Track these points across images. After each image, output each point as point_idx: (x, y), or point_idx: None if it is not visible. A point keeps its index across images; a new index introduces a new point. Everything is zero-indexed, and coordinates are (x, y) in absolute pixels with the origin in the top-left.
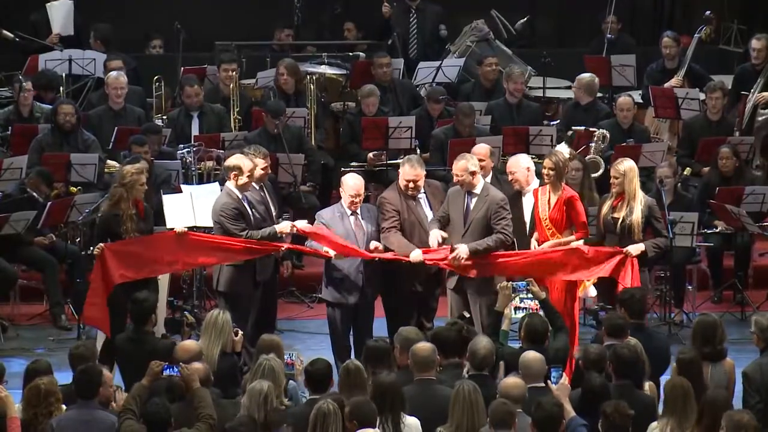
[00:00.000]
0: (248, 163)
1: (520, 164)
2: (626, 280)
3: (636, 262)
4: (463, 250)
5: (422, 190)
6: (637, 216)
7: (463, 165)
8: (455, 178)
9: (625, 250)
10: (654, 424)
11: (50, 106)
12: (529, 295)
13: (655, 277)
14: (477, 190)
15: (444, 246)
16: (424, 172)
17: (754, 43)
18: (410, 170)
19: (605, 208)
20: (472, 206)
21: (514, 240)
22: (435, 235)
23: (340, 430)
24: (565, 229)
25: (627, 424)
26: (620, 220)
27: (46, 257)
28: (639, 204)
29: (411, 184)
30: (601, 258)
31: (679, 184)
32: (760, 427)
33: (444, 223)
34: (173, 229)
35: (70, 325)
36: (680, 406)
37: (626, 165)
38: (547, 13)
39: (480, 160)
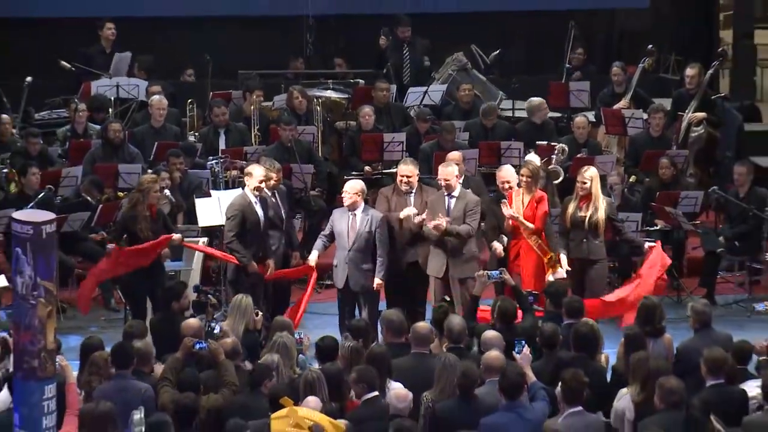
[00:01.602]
0: (260, 171)
1: (515, 175)
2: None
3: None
4: (442, 224)
5: (413, 189)
6: (602, 214)
7: (452, 171)
8: (443, 182)
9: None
10: (623, 390)
11: (100, 125)
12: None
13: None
14: (456, 193)
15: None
16: (417, 172)
17: (688, 71)
18: (405, 168)
19: (571, 208)
20: (452, 206)
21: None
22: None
23: (326, 394)
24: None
25: (582, 389)
26: (587, 218)
27: (98, 250)
28: (602, 204)
29: (404, 179)
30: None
31: (626, 189)
32: (687, 390)
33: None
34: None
35: (118, 307)
36: (639, 378)
37: (592, 171)
38: (516, 47)
39: (459, 167)
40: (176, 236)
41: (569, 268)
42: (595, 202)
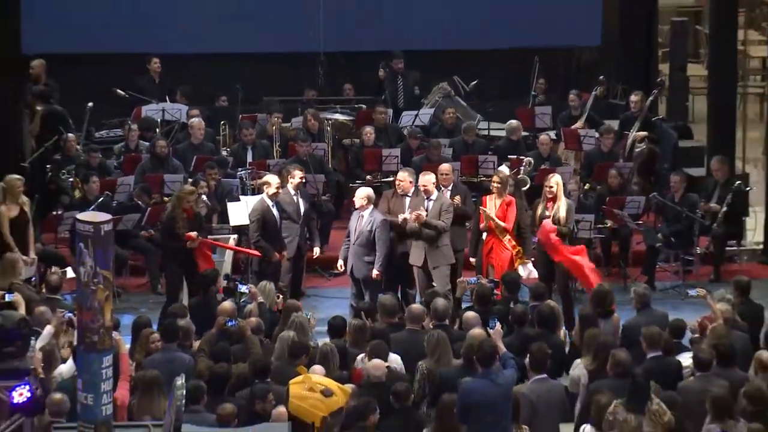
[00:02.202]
0: (276, 180)
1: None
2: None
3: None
4: (422, 216)
5: (407, 192)
6: (563, 213)
7: (429, 179)
8: (422, 188)
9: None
10: (578, 361)
11: (149, 142)
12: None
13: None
14: (433, 197)
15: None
16: (411, 179)
17: (632, 98)
18: (401, 174)
19: (540, 209)
20: (430, 207)
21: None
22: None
23: (338, 364)
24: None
25: (546, 359)
26: (552, 216)
27: (147, 245)
28: (564, 204)
29: (399, 183)
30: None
31: (582, 195)
32: (631, 361)
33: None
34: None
35: (163, 291)
36: (591, 350)
37: (557, 178)
38: (491, 78)
39: (446, 174)
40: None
41: (533, 259)
42: (558, 203)
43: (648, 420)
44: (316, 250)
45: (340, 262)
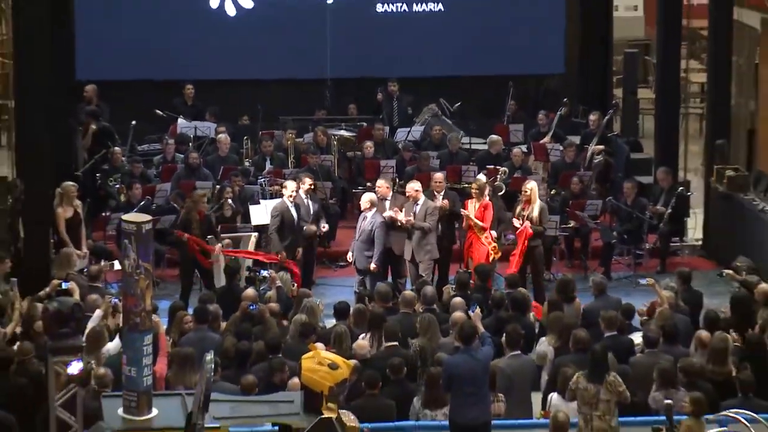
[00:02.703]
0: (293, 185)
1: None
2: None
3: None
4: (411, 219)
5: (387, 196)
6: (536, 213)
7: (414, 186)
8: (408, 193)
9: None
10: (543, 338)
11: (183, 155)
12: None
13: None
14: (420, 202)
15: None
16: (388, 185)
17: (591, 117)
18: (379, 182)
19: (517, 210)
20: (417, 210)
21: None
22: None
23: (350, 344)
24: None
25: (520, 338)
26: (527, 216)
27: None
28: (537, 206)
29: (378, 189)
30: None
31: (549, 199)
32: (590, 339)
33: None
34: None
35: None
36: (556, 330)
37: (532, 184)
38: (472, 100)
39: (439, 182)
40: (217, 249)
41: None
42: (533, 204)
43: (605, 389)
44: (312, 228)
45: (350, 254)
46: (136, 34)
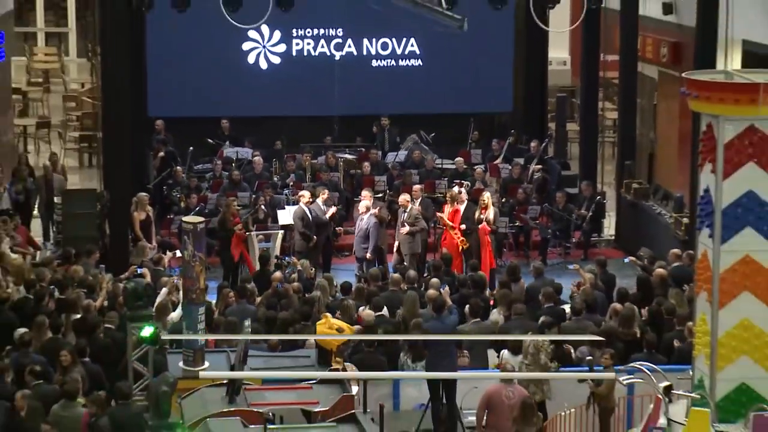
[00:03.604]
0: (307, 193)
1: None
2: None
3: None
4: (411, 230)
5: (370, 203)
6: (491, 216)
7: (405, 197)
8: (401, 202)
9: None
10: (495, 311)
11: (227, 172)
12: None
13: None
14: (407, 210)
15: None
16: (371, 194)
17: (532, 144)
18: (363, 193)
19: (477, 214)
20: (405, 216)
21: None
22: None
23: (354, 315)
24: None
25: (479, 309)
26: (485, 218)
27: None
28: (492, 211)
29: (362, 198)
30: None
31: (500, 205)
32: (528, 310)
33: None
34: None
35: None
36: (505, 303)
37: (488, 194)
38: (443, 130)
39: (416, 191)
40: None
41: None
42: (489, 210)
43: (533, 347)
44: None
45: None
46: (194, 82)
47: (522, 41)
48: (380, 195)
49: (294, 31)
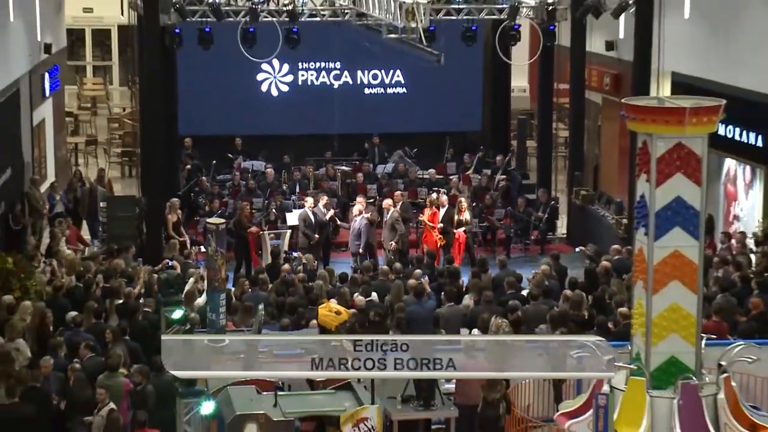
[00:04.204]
0: (311, 199)
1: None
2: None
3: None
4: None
5: (362, 208)
6: (467, 217)
7: (388, 202)
8: (384, 205)
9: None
10: (467, 296)
11: (244, 182)
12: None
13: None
14: (389, 213)
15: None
16: (363, 200)
17: (497, 158)
18: (358, 199)
19: (456, 217)
20: (387, 217)
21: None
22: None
23: (349, 300)
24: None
25: (454, 294)
26: (463, 219)
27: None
28: (467, 213)
29: (357, 204)
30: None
31: (471, 209)
32: (496, 296)
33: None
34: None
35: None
36: (477, 289)
37: (462, 199)
38: (424, 147)
39: (398, 197)
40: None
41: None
42: (465, 214)
43: (495, 326)
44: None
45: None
46: (217, 106)
47: (489, 72)
48: (371, 200)
49: (300, 64)
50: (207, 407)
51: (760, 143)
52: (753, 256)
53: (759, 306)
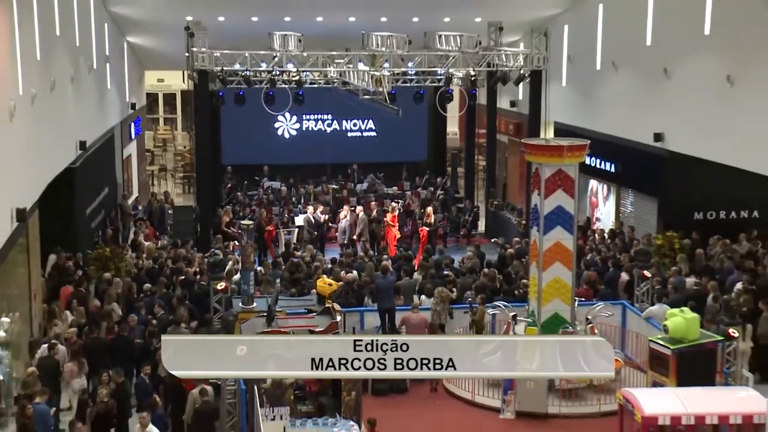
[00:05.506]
0: (311, 208)
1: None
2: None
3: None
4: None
5: (346, 213)
6: (432, 220)
7: (360, 208)
8: (357, 211)
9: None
10: (416, 273)
11: (266, 197)
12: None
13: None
14: (360, 216)
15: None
16: (346, 208)
17: (438, 179)
18: (345, 208)
19: (424, 219)
20: (358, 219)
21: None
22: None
23: (338, 276)
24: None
25: (412, 270)
26: (431, 220)
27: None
28: (432, 217)
29: (342, 211)
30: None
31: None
32: (435, 272)
33: None
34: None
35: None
36: (424, 269)
37: (430, 209)
38: (391, 174)
39: (371, 205)
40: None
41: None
42: (433, 216)
43: (438, 293)
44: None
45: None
46: (248, 144)
47: (432, 121)
48: (353, 208)
49: (304, 116)
50: None
51: (612, 169)
52: (607, 245)
53: (594, 276)
